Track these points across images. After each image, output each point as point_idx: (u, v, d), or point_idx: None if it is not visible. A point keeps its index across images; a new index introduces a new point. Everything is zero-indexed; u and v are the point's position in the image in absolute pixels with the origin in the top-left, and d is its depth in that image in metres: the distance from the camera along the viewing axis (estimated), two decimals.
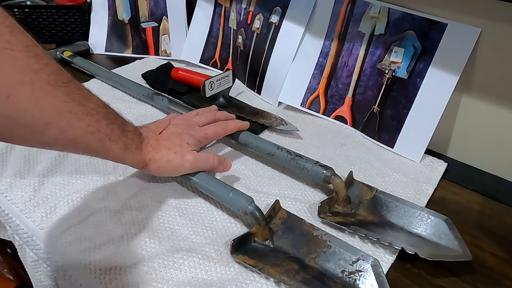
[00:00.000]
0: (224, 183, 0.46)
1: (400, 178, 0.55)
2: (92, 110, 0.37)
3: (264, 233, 0.43)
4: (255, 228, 0.43)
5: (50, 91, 0.33)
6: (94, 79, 0.77)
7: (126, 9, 0.87)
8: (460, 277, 0.42)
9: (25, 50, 0.31)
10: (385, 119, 0.61)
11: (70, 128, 0.35)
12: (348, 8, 0.63)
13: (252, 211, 0.42)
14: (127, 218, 0.46)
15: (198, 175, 0.48)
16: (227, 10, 0.79)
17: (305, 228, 0.45)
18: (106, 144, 0.39)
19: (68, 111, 0.34)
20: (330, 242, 0.43)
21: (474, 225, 0.49)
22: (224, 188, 0.46)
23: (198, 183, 0.48)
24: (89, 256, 0.41)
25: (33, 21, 0.86)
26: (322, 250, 0.43)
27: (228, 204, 0.45)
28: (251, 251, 0.42)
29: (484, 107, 0.57)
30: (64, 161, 0.54)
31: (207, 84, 0.63)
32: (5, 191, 0.50)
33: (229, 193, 0.45)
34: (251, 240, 0.44)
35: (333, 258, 0.42)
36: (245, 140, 0.56)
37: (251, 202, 0.43)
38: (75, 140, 0.36)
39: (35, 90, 0.31)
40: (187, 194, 0.51)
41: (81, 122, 0.36)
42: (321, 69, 0.67)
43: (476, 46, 0.53)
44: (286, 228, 0.45)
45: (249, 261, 0.41)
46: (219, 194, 0.46)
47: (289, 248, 0.43)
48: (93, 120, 0.37)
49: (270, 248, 0.43)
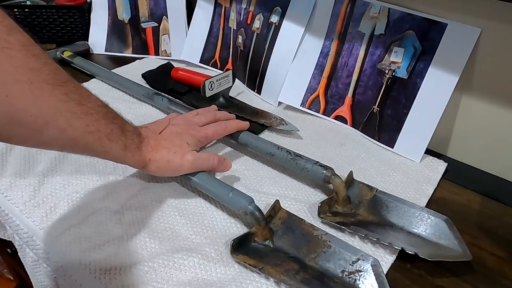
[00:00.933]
0: (224, 183, 0.46)
1: (400, 178, 0.55)
2: (91, 109, 0.37)
3: (264, 233, 0.43)
4: (255, 228, 0.43)
5: (49, 90, 0.33)
6: (94, 79, 0.77)
7: (126, 9, 0.87)
8: (460, 277, 0.42)
9: (23, 49, 0.31)
10: (385, 119, 0.61)
11: (69, 127, 0.35)
12: (348, 8, 0.63)
13: (252, 211, 0.42)
14: (127, 218, 0.46)
15: (198, 175, 0.48)
16: (227, 10, 0.79)
17: (305, 228, 0.45)
18: (105, 143, 0.39)
19: (67, 110, 0.34)
20: (330, 242, 0.43)
21: (474, 225, 0.49)
22: (224, 188, 0.45)
23: (198, 183, 0.48)
24: (89, 256, 0.41)
25: (33, 21, 0.86)
26: (322, 250, 0.43)
27: (228, 204, 0.45)
28: (251, 251, 0.42)
29: (484, 107, 0.57)
30: (64, 161, 0.54)
31: (207, 84, 0.63)
32: (5, 191, 0.50)
33: (229, 193, 0.45)
34: (251, 240, 0.44)
35: (333, 258, 0.42)
36: (245, 140, 0.56)
37: (251, 202, 0.43)
38: (74, 140, 0.36)
39: (33, 89, 0.31)
40: (187, 194, 0.51)
41: (80, 122, 0.36)
42: (321, 69, 0.67)
43: (476, 46, 0.53)
44: (286, 228, 0.45)
45: (249, 261, 0.41)
46: (219, 194, 0.46)
47: (289, 248, 0.43)
48: (92, 120, 0.37)
49: (270, 248, 0.43)
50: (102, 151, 0.39)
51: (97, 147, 0.39)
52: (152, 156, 0.45)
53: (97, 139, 0.38)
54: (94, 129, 0.37)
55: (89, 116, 0.37)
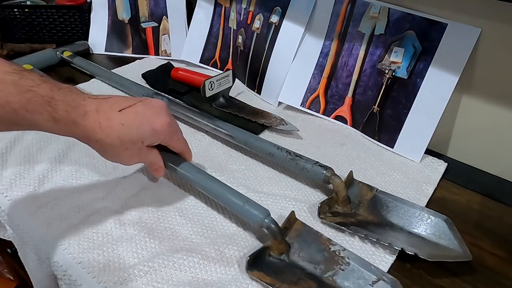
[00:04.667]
0: (239, 193, 0.44)
1: (400, 178, 0.55)
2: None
3: (280, 247, 0.42)
4: (270, 242, 0.42)
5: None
6: (94, 79, 0.77)
7: (126, 9, 0.87)
8: (460, 277, 0.42)
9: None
10: (385, 119, 0.61)
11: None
12: (348, 8, 0.63)
13: (269, 225, 0.41)
14: (127, 218, 0.46)
15: (211, 183, 0.45)
16: (227, 10, 0.79)
17: (322, 243, 0.43)
18: (25, 115, 0.35)
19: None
20: (348, 259, 0.41)
21: (474, 225, 0.49)
22: (238, 198, 0.43)
23: (211, 192, 0.46)
24: (89, 256, 0.41)
25: (33, 21, 0.86)
26: (340, 268, 0.41)
27: (242, 215, 0.43)
28: (266, 267, 0.41)
29: (484, 107, 0.57)
30: (64, 161, 0.54)
31: (207, 84, 0.63)
32: (5, 191, 0.50)
33: (244, 204, 0.42)
34: (266, 254, 0.42)
35: (351, 277, 0.40)
36: (245, 140, 0.56)
37: (267, 215, 0.41)
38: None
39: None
40: (187, 194, 0.51)
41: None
42: (321, 69, 0.67)
43: (476, 46, 0.53)
44: (302, 241, 0.43)
45: (265, 279, 0.39)
46: (233, 205, 0.43)
47: (305, 263, 0.41)
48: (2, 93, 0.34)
49: (285, 263, 0.41)
50: (25, 124, 0.36)
51: (17, 120, 0.35)
52: (100, 138, 0.39)
53: (12, 111, 0.35)
54: (3, 101, 0.34)
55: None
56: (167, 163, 0.47)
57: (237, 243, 0.44)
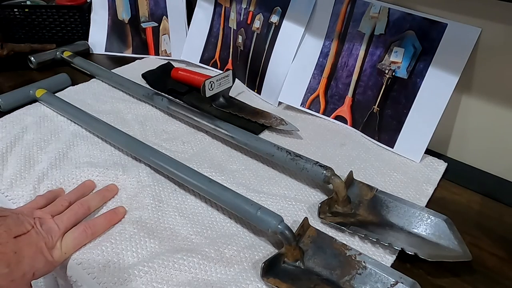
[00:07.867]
0: (251, 200, 0.44)
1: (400, 178, 0.55)
2: None
3: (295, 254, 0.41)
4: (284, 248, 0.41)
5: None
6: (94, 79, 0.76)
7: (126, 9, 0.87)
8: (460, 277, 0.42)
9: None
10: (385, 119, 0.61)
11: None
12: (348, 8, 0.63)
13: (282, 231, 0.41)
14: (127, 218, 0.46)
15: (222, 191, 0.45)
16: (227, 10, 0.79)
17: (337, 248, 0.43)
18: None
19: None
20: (365, 263, 0.41)
21: (474, 225, 0.49)
22: (251, 206, 0.43)
23: (222, 200, 0.46)
24: (89, 256, 0.41)
25: (33, 21, 0.86)
26: (357, 272, 0.40)
27: (255, 222, 0.43)
28: (282, 273, 0.40)
29: (484, 107, 0.57)
30: (64, 161, 0.54)
31: (207, 84, 0.63)
32: (5, 191, 0.50)
33: (257, 211, 0.42)
34: (281, 261, 0.42)
35: (369, 281, 0.40)
36: (245, 140, 0.56)
37: (280, 221, 0.41)
38: None
39: None
40: (187, 194, 0.51)
41: None
42: (321, 69, 0.67)
43: (476, 46, 0.53)
44: (317, 247, 0.43)
45: (281, 285, 0.39)
46: (245, 212, 0.43)
47: (321, 269, 0.41)
48: None
49: (301, 269, 0.41)
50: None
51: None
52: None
53: None
54: None
55: None
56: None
57: (237, 243, 0.44)
